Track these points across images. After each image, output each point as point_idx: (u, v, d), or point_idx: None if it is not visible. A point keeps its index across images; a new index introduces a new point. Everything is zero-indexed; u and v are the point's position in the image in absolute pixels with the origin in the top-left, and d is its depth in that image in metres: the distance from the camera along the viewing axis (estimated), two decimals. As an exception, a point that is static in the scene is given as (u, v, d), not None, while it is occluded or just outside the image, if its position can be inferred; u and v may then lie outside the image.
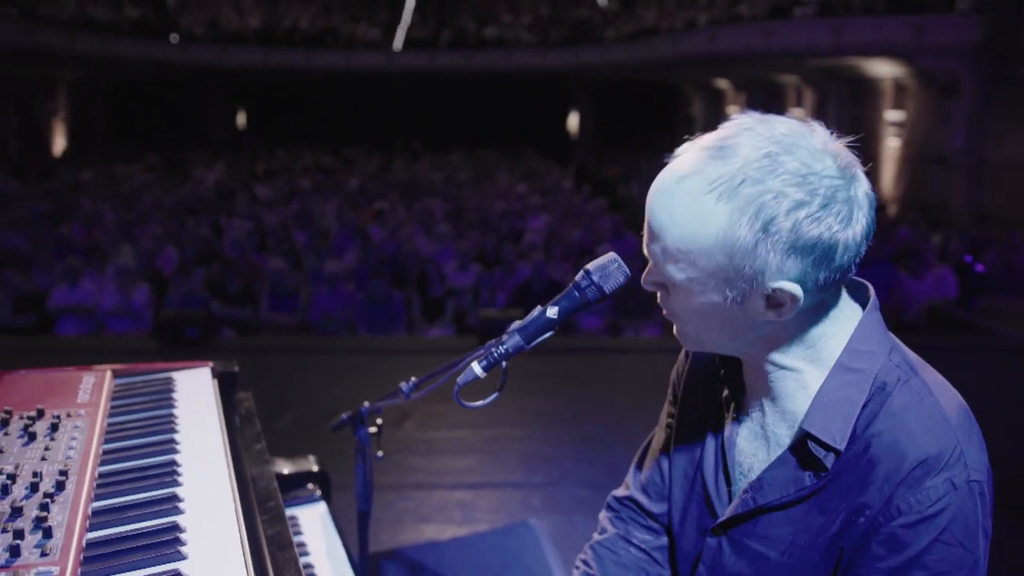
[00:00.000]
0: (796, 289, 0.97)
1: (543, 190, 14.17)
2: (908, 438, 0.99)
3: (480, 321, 6.29)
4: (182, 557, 0.97)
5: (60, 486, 1.09)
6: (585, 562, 1.38)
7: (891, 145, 16.03)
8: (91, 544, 0.99)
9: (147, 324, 6.84)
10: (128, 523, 1.04)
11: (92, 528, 1.03)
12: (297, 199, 12.42)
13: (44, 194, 12.80)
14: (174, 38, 22.47)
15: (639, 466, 1.39)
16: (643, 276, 1.09)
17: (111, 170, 16.40)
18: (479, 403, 1.25)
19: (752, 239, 0.94)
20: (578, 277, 1.19)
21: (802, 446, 1.05)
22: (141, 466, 1.19)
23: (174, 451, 1.25)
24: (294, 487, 1.77)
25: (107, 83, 23.32)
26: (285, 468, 1.78)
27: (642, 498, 1.36)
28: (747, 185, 0.94)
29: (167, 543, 0.99)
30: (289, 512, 1.71)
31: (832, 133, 1.03)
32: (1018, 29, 12.91)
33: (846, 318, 1.07)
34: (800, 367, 1.06)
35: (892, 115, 15.85)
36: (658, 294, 1.10)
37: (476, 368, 1.21)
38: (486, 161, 20.54)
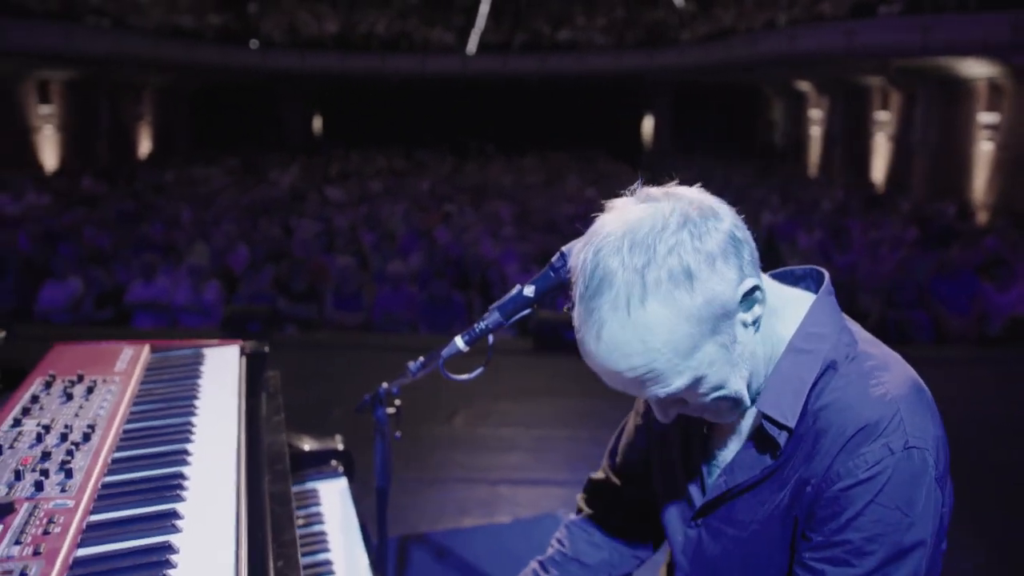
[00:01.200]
0: (749, 281, 1.02)
1: (614, 195, 14.11)
2: (850, 409, 1.05)
3: (536, 323, 6.38)
4: (181, 500, 1.10)
5: (87, 437, 1.24)
6: (559, 540, 1.45)
7: (984, 149, 15.38)
8: (105, 486, 1.13)
9: (217, 319, 7.18)
10: (140, 470, 1.18)
11: (109, 473, 1.17)
12: (367, 201, 12.75)
13: (129, 195, 13.53)
14: (254, 44, 23.40)
15: (614, 450, 1.45)
16: (660, 419, 1.12)
17: (191, 172, 17.20)
18: (464, 376, 1.34)
19: (686, 289, 0.98)
20: (553, 258, 1.28)
21: (761, 428, 1.12)
22: (161, 425, 1.33)
23: (192, 413, 1.38)
24: (318, 463, 1.90)
25: (191, 88, 24.44)
26: (310, 445, 1.91)
27: (618, 481, 1.43)
28: (636, 284, 0.98)
29: (170, 487, 1.13)
30: (310, 485, 1.85)
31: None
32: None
33: (796, 305, 1.13)
34: (756, 361, 1.10)
35: (986, 117, 15.20)
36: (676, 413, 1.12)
37: (459, 342, 1.32)
38: (557, 164, 20.64)
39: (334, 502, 1.79)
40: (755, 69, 20.12)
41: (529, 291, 1.28)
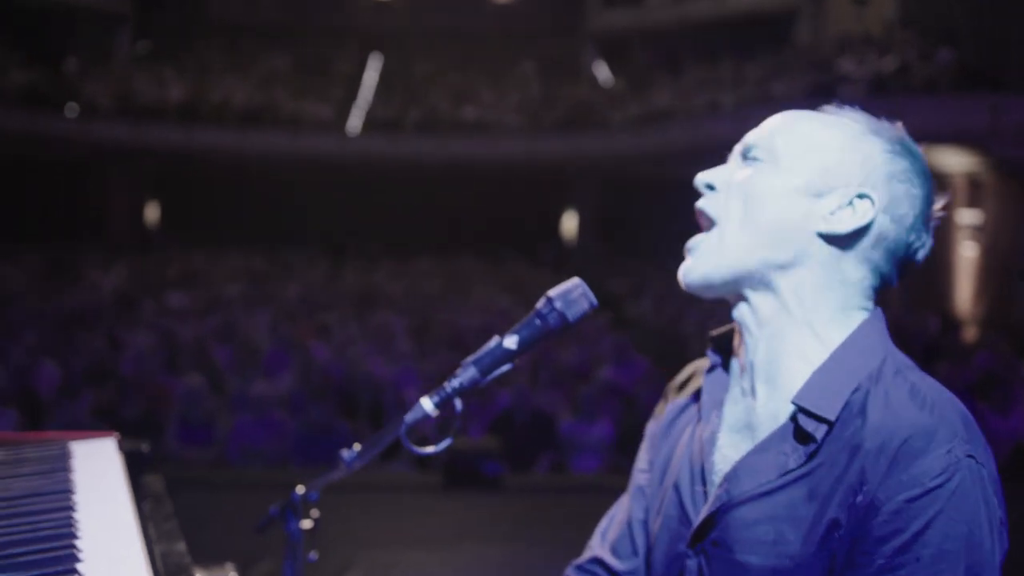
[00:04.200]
0: (873, 203, 1.30)
1: (530, 304, 14.41)
2: (903, 412, 1.18)
3: (448, 455, 6.36)
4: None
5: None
6: None
7: (967, 254, 16.55)
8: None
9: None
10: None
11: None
12: (220, 310, 12.63)
13: None
14: (72, 109, 23.16)
15: (606, 529, 1.56)
16: (701, 173, 1.38)
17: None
18: (430, 449, 1.38)
19: (877, 151, 1.34)
20: (539, 304, 1.39)
21: (791, 426, 1.23)
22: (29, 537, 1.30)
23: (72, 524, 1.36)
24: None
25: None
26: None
27: (609, 557, 1.51)
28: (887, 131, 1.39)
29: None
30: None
31: None
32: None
33: (856, 312, 1.32)
34: (807, 336, 1.29)
35: (967, 216, 16.45)
36: (702, 199, 1.38)
37: (426, 404, 1.36)
38: (460, 268, 20.96)
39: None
40: (697, 157, 21.22)
41: (511, 342, 1.35)
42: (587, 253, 25.85)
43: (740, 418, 1.33)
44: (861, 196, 1.30)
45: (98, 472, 1.56)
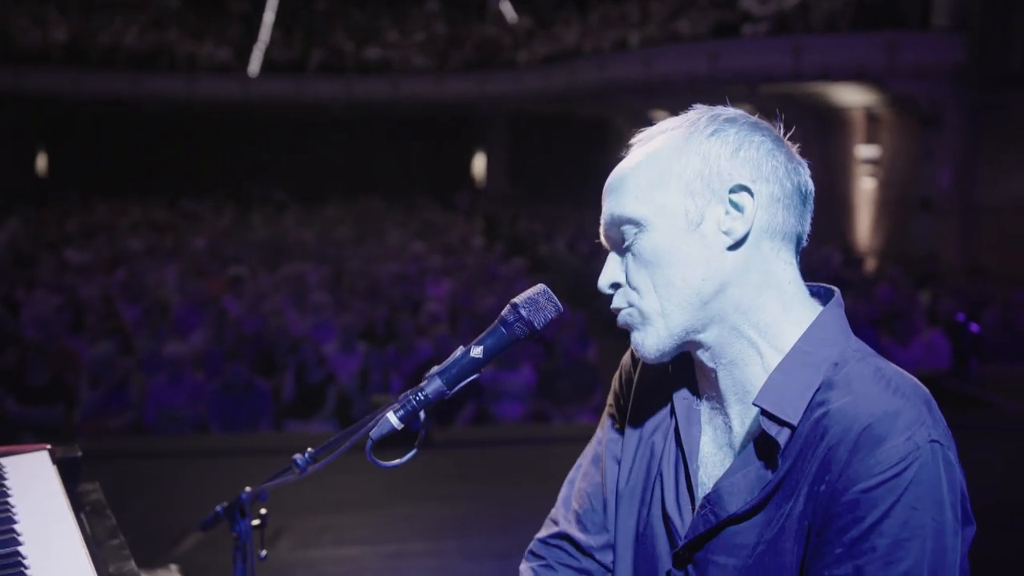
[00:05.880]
0: (750, 185, 1.27)
1: (445, 249, 14.44)
2: (864, 400, 1.17)
3: (372, 410, 6.31)
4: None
5: None
6: None
7: (865, 187, 17.06)
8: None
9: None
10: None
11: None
12: (124, 265, 12.26)
13: None
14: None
15: (569, 497, 1.53)
16: (599, 279, 1.33)
17: None
18: (395, 461, 1.35)
19: (703, 139, 1.30)
20: (504, 312, 1.36)
21: (760, 436, 1.23)
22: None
23: (17, 543, 1.29)
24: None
25: None
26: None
27: (577, 533, 1.49)
28: (696, 122, 1.35)
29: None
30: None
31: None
32: (1006, 47, 14.08)
33: (808, 311, 1.30)
34: (763, 347, 1.28)
35: (865, 151, 16.91)
36: (614, 297, 1.33)
37: (392, 419, 1.33)
38: (370, 214, 20.73)
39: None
40: (604, 97, 21.30)
41: (477, 352, 1.32)
42: (498, 195, 25.84)
43: (720, 436, 1.34)
44: (733, 190, 1.27)
45: (37, 495, 1.48)
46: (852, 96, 16.71)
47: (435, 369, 1.35)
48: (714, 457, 1.33)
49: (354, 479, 5.13)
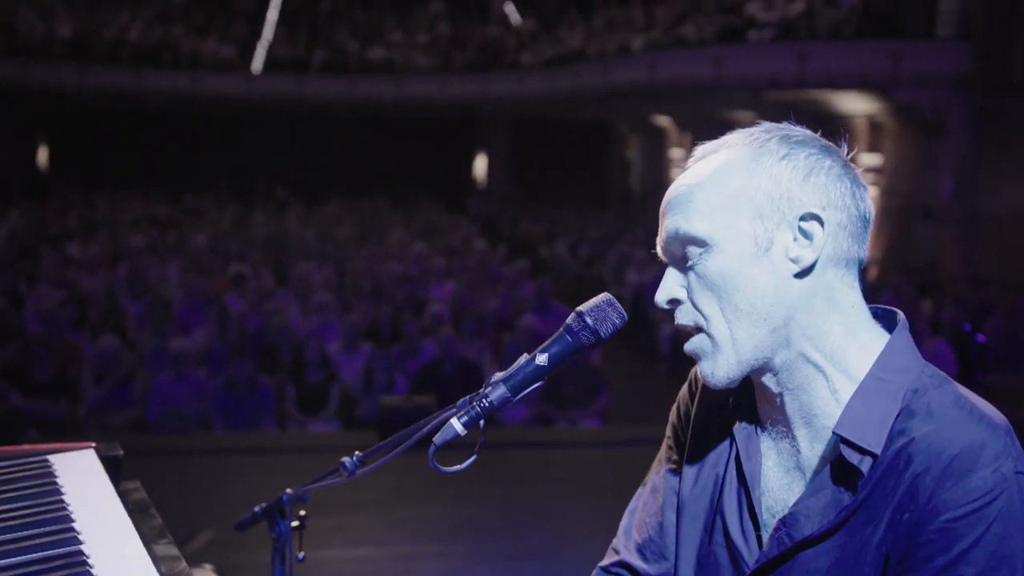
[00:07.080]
0: (820, 213, 1.27)
1: (447, 250, 14.44)
2: (948, 429, 1.19)
3: (380, 411, 6.34)
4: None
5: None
6: None
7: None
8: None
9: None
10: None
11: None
12: (126, 261, 12.26)
13: None
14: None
15: (630, 527, 1.54)
16: (657, 294, 1.33)
17: None
18: (457, 467, 1.36)
19: (774, 161, 1.29)
20: (569, 320, 1.37)
21: (838, 462, 1.24)
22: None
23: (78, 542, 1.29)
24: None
25: None
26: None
27: (638, 562, 1.50)
28: (767, 142, 1.33)
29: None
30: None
31: None
32: (1009, 57, 14.11)
33: (873, 335, 1.31)
34: (830, 372, 1.29)
35: (867, 159, 16.90)
36: (676, 312, 1.33)
37: (456, 425, 1.34)
38: (372, 213, 20.72)
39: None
40: (607, 101, 21.30)
41: (542, 360, 1.33)
42: (499, 197, 25.83)
43: (785, 462, 1.34)
44: (803, 218, 1.28)
45: (89, 493, 1.49)
46: (855, 104, 16.73)
47: (499, 375, 1.36)
48: (780, 481, 1.34)
49: (365, 479, 5.13)
